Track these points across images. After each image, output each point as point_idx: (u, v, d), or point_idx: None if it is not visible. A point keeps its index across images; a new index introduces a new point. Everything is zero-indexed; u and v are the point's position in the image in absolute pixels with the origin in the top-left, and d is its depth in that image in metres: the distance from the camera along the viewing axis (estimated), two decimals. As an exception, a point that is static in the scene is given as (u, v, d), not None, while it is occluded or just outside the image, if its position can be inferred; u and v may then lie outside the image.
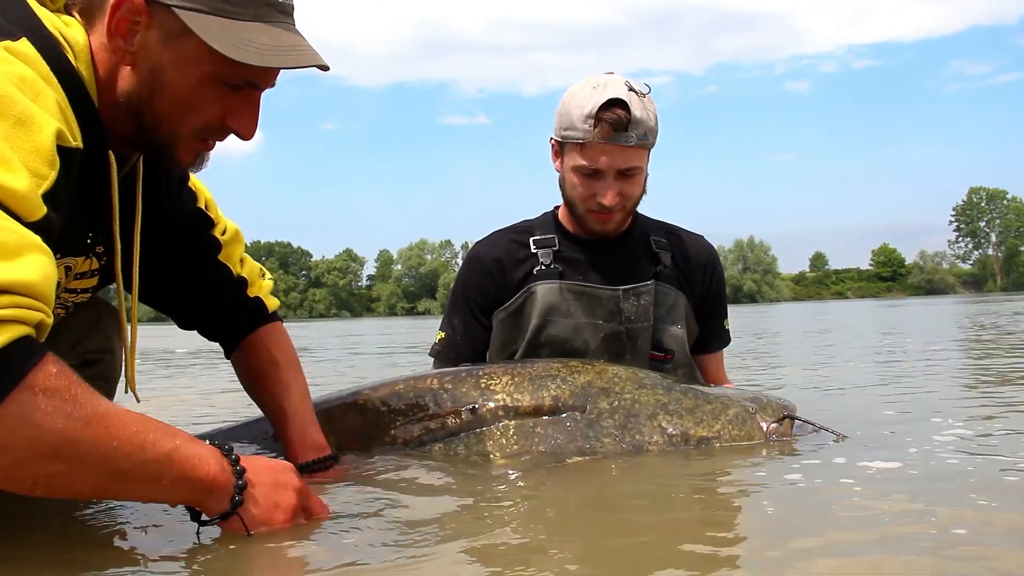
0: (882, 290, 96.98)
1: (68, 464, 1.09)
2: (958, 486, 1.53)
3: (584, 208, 2.23)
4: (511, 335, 2.30)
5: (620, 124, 2.10)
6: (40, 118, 1.13)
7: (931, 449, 1.91)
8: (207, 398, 4.24)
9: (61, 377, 1.09)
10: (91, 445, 1.10)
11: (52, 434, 1.06)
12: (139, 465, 1.15)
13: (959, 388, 3.59)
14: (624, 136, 2.11)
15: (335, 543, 1.27)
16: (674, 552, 1.21)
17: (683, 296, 2.33)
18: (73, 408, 1.09)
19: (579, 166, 2.17)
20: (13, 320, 1.04)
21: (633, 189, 2.21)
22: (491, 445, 1.91)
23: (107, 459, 1.11)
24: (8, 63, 1.14)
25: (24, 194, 1.08)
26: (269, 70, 1.36)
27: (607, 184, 2.17)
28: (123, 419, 1.15)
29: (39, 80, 1.17)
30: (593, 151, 2.14)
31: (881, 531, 1.25)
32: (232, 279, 1.84)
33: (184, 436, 1.23)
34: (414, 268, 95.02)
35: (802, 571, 1.09)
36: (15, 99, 1.11)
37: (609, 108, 2.10)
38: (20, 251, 1.06)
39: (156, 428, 1.19)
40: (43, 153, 1.13)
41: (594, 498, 1.58)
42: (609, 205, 2.17)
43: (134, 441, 1.14)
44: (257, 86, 1.38)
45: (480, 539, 1.29)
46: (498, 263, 2.32)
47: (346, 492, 1.63)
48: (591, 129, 2.12)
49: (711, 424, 1.94)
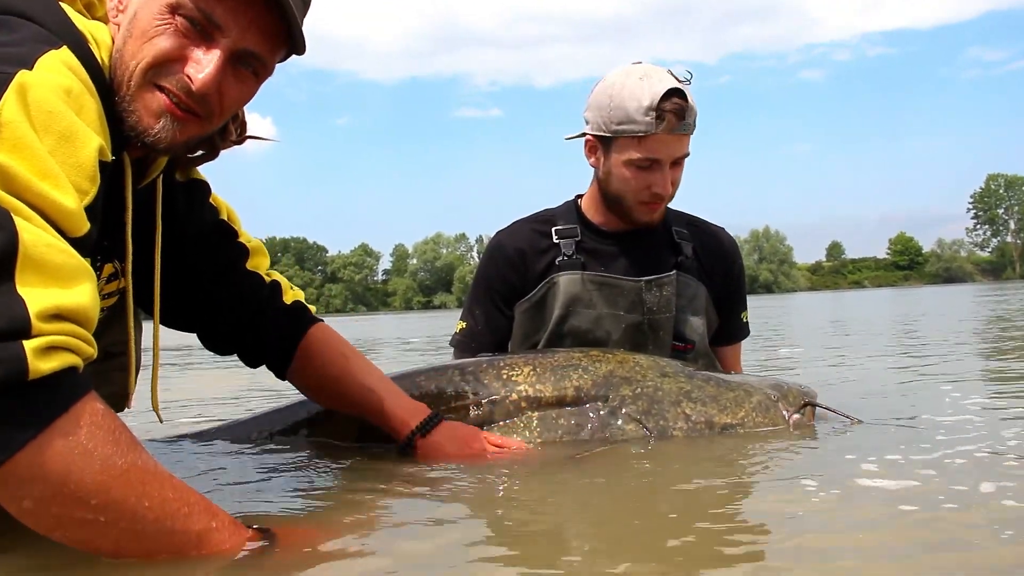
0: (899, 279, 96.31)
1: (93, 512, 1.04)
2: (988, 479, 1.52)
3: (636, 200, 2.22)
4: (533, 326, 2.31)
5: (681, 113, 2.11)
6: (84, 134, 1.13)
7: (955, 439, 1.90)
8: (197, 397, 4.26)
9: (108, 417, 1.07)
10: (121, 496, 1.05)
11: (87, 474, 1.02)
12: (164, 534, 1.09)
13: (981, 382, 3.57)
14: (684, 125, 2.13)
15: (359, 535, 1.27)
16: (699, 542, 1.21)
17: (703, 287, 2.33)
18: (114, 452, 1.05)
19: (635, 159, 2.16)
20: (67, 348, 1.03)
21: (680, 175, 2.23)
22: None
23: (132, 517, 1.06)
24: (56, 73, 1.13)
25: (73, 211, 1.08)
26: (233, 18, 1.29)
27: (663, 174, 2.17)
28: (160, 481, 1.10)
29: (84, 92, 1.16)
30: (655, 143, 2.13)
31: (904, 532, 1.25)
32: (264, 284, 1.80)
33: (224, 518, 1.16)
34: (429, 262, 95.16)
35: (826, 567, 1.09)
36: (61, 114, 1.10)
37: (669, 98, 2.10)
38: (75, 277, 1.06)
39: (195, 502, 1.13)
40: (86, 169, 1.12)
41: (617, 487, 1.58)
42: (666, 195, 2.19)
43: (166, 508, 1.09)
44: (219, 27, 1.30)
45: (504, 528, 1.30)
46: (520, 253, 2.32)
47: (361, 483, 1.63)
48: (653, 121, 2.10)
49: (735, 411, 1.94)
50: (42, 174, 1.06)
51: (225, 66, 1.31)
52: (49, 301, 1.01)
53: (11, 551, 1.22)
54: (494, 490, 1.55)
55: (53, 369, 1.01)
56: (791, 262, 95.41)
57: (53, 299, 1.02)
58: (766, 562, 1.10)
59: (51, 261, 1.03)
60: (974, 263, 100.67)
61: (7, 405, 0.99)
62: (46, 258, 1.03)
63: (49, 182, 1.06)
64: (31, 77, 1.09)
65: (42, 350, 1.00)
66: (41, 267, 1.02)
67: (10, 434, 0.99)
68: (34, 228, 1.03)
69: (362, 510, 1.44)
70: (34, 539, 1.22)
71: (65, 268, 1.04)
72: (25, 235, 1.01)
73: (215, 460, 1.91)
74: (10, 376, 0.97)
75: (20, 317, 0.99)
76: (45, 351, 1.00)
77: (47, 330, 1.01)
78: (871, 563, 1.06)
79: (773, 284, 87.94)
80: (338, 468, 1.80)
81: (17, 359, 0.97)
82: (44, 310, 1.00)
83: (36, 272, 1.02)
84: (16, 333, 0.98)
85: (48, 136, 1.08)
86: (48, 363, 1.00)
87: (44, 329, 1.00)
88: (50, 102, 1.10)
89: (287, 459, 1.90)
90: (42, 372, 0.99)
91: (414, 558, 1.15)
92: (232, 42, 1.31)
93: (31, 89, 1.08)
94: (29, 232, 1.02)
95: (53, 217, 1.06)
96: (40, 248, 1.02)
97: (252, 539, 1.17)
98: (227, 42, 1.30)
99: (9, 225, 1.00)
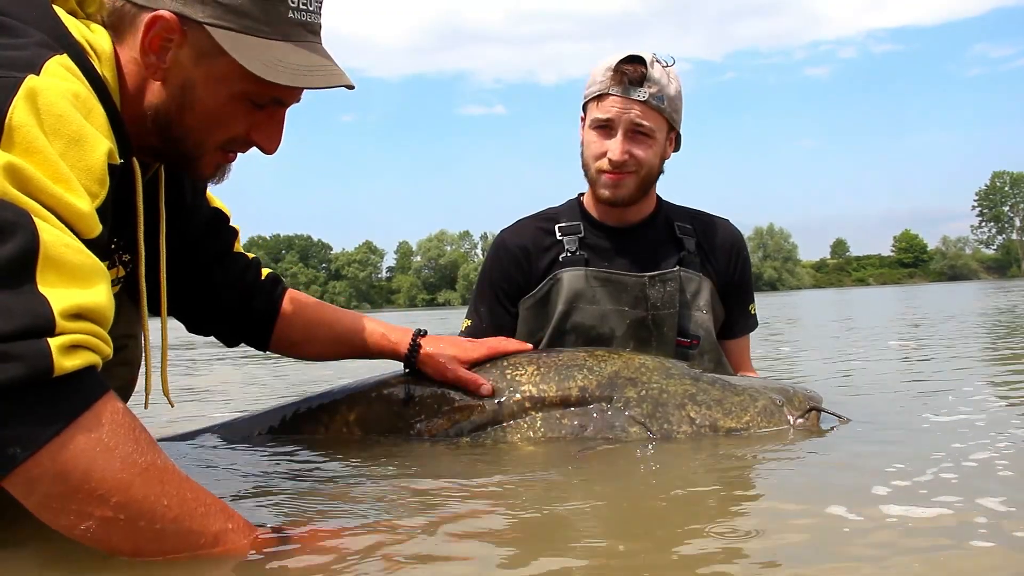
0: (904, 276, 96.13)
1: (113, 510, 1.05)
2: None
3: (595, 169, 2.24)
4: (537, 323, 2.31)
5: (634, 77, 2.17)
6: (93, 138, 1.14)
7: (964, 448, 1.89)
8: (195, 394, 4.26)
9: (128, 415, 1.09)
10: (142, 495, 1.06)
11: (108, 472, 1.04)
12: (182, 534, 1.10)
13: (990, 384, 3.55)
14: (637, 90, 2.17)
15: (361, 534, 1.27)
16: (698, 545, 1.20)
17: (708, 281, 2.32)
18: (134, 451, 1.07)
19: (594, 119, 2.23)
20: (88, 347, 1.05)
21: (644, 153, 2.21)
22: (518, 437, 1.90)
23: (153, 516, 1.07)
24: (63, 79, 1.14)
25: (87, 214, 1.10)
26: (295, 88, 1.37)
27: (618, 139, 2.19)
28: (179, 480, 1.11)
29: (91, 96, 1.18)
30: (609, 103, 2.19)
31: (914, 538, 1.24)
32: (249, 264, 1.87)
33: (239, 521, 1.17)
34: (434, 259, 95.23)
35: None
36: (71, 118, 1.11)
37: (627, 62, 2.18)
38: (92, 277, 1.07)
39: (212, 503, 1.14)
40: (95, 172, 1.14)
41: (620, 488, 1.58)
42: (616, 160, 2.19)
43: (184, 507, 1.10)
44: (283, 103, 1.40)
45: (505, 528, 1.29)
46: (524, 251, 2.33)
47: (369, 482, 1.63)
48: (607, 80, 2.19)
49: (740, 416, 1.92)
50: (55, 177, 1.07)
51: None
52: (71, 300, 1.04)
53: (11, 550, 1.21)
54: (499, 490, 1.54)
55: (76, 367, 1.03)
56: (795, 259, 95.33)
57: (74, 298, 1.04)
58: (766, 560, 1.09)
59: (70, 261, 1.05)
60: (979, 260, 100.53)
61: (31, 401, 1.00)
62: (65, 258, 1.05)
63: (62, 185, 1.08)
64: (39, 82, 1.10)
65: (66, 348, 1.02)
66: (61, 267, 1.04)
67: (34, 430, 1.00)
68: (53, 229, 1.05)
69: (369, 508, 1.43)
70: (38, 538, 1.22)
71: (83, 268, 1.07)
72: (45, 235, 1.03)
73: (218, 460, 1.90)
74: (35, 373, 0.99)
75: (45, 315, 1.01)
76: (69, 349, 1.02)
77: (70, 328, 1.03)
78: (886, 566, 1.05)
79: (777, 281, 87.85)
80: (342, 465, 1.79)
81: (43, 356, 1.00)
82: (67, 309, 1.03)
83: (56, 272, 1.04)
84: (41, 331, 1.00)
85: (58, 140, 1.10)
86: (72, 361, 1.02)
87: (68, 327, 1.03)
88: (59, 106, 1.11)
89: (290, 457, 1.89)
90: (66, 369, 1.02)
91: (422, 557, 1.14)
92: (288, 103, 1.42)
93: (41, 93, 1.09)
94: (48, 233, 1.04)
95: (68, 219, 1.08)
96: (59, 248, 1.04)
97: (267, 540, 1.18)
98: (286, 106, 1.42)
99: (30, 225, 1.03)
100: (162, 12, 1.28)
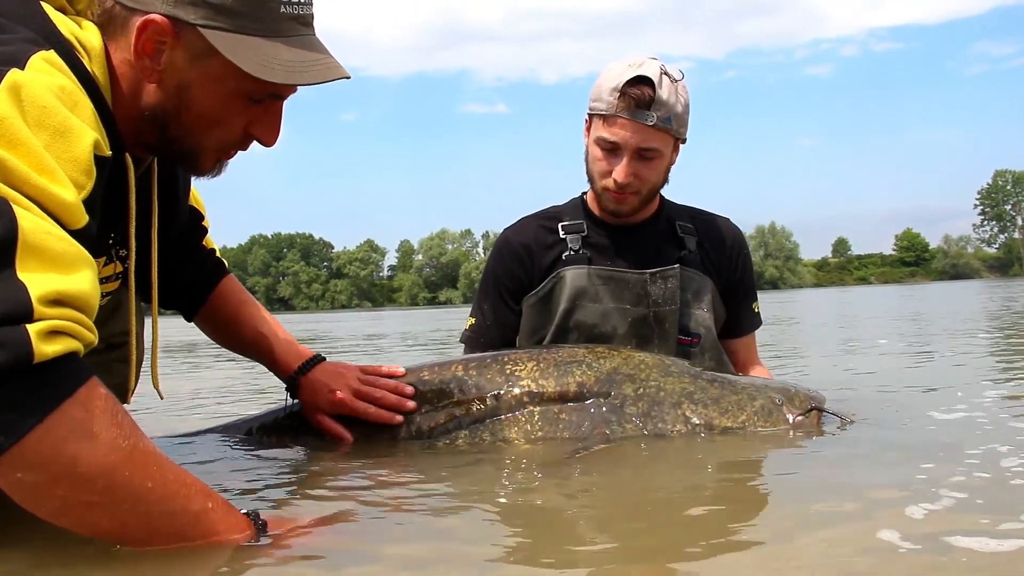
0: (905, 275, 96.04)
1: (99, 494, 1.05)
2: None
3: (601, 185, 2.24)
4: (540, 320, 2.32)
5: (643, 101, 2.12)
6: (79, 129, 1.14)
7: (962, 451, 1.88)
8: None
9: (110, 400, 1.08)
10: (126, 479, 1.06)
11: (93, 457, 1.03)
12: (167, 515, 1.12)
13: (994, 385, 3.55)
14: (645, 114, 2.13)
15: (360, 532, 1.27)
16: (696, 540, 1.20)
17: (709, 280, 2.33)
18: (118, 435, 1.07)
19: (600, 138, 2.20)
20: (68, 333, 1.04)
21: (649, 173, 2.21)
22: (516, 431, 1.90)
23: (138, 499, 1.08)
24: (47, 73, 1.14)
25: (71, 204, 1.09)
26: (290, 86, 1.38)
27: (624, 162, 2.17)
28: (162, 463, 1.12)
29: (78, 90, 1.18)
30: (616, 125, 2.16)
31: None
32: (213, 262, 1.92)
33: (219, 501, 1.19)
34: (435, 258, 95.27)
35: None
36: (55, 110, 1.11)
37: (635, 84, 2.13)
38: (74, 264, 1.07)
39: (192, 484, 1.16)
40: (81, 163, 1.13)
41: (617, 484, 1.58)
42: (621, 183, 2.18)
43: (168, 489, 1.11)
44: (280, 96, 1.40)
45: (504, 524, 1.29)
46: (527, 249, 2.34)
47: (367, 481, 1.63)
48: (615, 102, 2.14)
49: (736, 415, 1.92)
50: (39, 168, 1.07)
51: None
52: (49, 286, 1.02)
53: (11, 550, 1.21)
54: (491, 486, 1.54)
55: (57, 353, 1.02)
56: (797, 258, 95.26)
57: (53, 284, 1.03)
58: (764, 560, 1.08)
59: (51, 248, 1.04)
60: (981, 259, 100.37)
61: (13, 389, 0.99)
62: (45, 245, 1.04)
63: (47, 176, 1.07)
64: (23, 76, 1.10)
65: (45, 334, 1.01)
66: (41, 254, 1.03)
67: (17, 418, 0.99)
68: (33, 216, 1.04)
69: (352, 500, 1.44)
70: (32, 536, 1.22)
71: (65, 256, 1.06)
72: (24, 223, 1.02)
73: (218, 460, 1.91)
74: (16, 360, 0.98)
75: (23, 301, 1.00)
76: (48, 335, 1.01)
77: (49, 314, 1.02)
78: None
79: (779, 280, 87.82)
80: (338, 462, 1.79)
81: (22, 343, 0.98)
82: (45, 295, 1.01)
83: (36, 259, 1.03)
84: (19, 317, 0.99)
85: (42, 132, 1.09)
86: (52, 347, 1.01)
87: (46, 313, 1.01)
88: (43, 98, 1.10)
89: (290, 457, 1.89)
90: (47, 356, 1.00)
91: (406, 554, 1.15)
92: (285, 96, 1.41)
93: (24, 87, 1.09)
94: (28, 220, 1.03)
95: (52, 210, 1.07)
96: (39, 236, 1.03)
97: (247, 522, 1.19)
98: (282, 99, 1.42)
99: (8, 213, 1.02)
100: (153, 16, 1.28)
